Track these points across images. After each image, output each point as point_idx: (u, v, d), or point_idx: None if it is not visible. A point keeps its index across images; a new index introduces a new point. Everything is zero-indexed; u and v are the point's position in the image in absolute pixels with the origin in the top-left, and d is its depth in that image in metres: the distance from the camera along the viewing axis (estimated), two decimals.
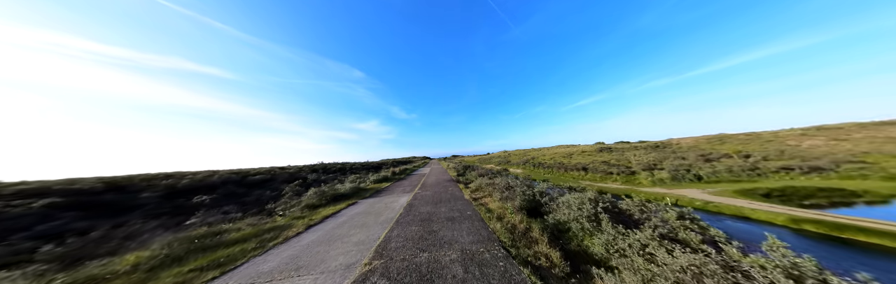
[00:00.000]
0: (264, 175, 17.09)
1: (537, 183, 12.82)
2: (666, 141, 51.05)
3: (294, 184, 15.69)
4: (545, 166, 44.32)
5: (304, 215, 10.45)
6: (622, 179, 26.79)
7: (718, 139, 43.15)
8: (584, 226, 7.05)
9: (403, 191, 14.66)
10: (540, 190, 11.49)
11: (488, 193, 12.50)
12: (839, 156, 24.30)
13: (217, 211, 10.88)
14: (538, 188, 12.07)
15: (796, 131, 41.23)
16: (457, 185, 15.98)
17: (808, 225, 11.56)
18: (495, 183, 13.30)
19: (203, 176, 13.92)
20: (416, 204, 10.88)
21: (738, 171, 23.23)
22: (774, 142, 35.72)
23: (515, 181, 13.84)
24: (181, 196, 11.76)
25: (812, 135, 36.43)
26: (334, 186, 15.72)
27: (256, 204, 11.91)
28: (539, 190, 11.46)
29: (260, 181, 15.91)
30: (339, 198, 13.31)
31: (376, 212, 9.95)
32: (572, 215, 7.66)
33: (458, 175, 22.85)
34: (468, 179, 18.76)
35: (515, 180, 14.50)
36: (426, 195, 12.87)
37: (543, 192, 11.18)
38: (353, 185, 15.92)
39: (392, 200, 12.16)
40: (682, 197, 18.49)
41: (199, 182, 13.12)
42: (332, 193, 13.63)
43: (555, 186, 12.17)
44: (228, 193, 12.85)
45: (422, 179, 21.81)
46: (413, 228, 7.41)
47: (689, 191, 20.10)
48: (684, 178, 23.43)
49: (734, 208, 14.92)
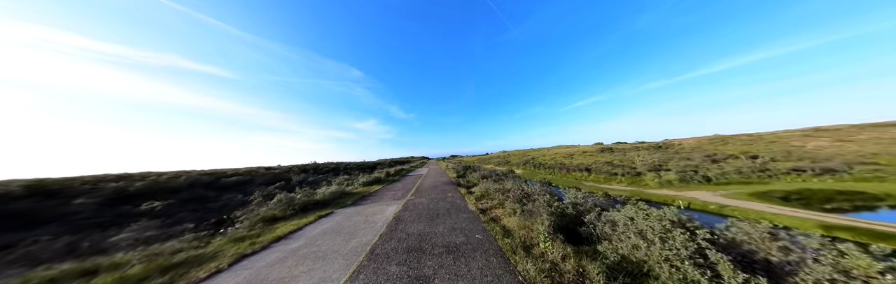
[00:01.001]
0: (242, 176, 15.71)
1: (560, 189, 10.34)
2: (667, 141, 50.44)
3: (273, 187, 14.38)
4: (546, 166, 43.41)
5: (253, 233, 8.07)
6: (627, 180, 25.89)
7: (720, 140, 42.55)
8: (688, 277, 4.18)
9: (394, 197, 12.65)
10: (573, 200, 8.70)
11: (499, 202, 10.28)
12: (849, 158, 23.63)
13: (164, 221, 9.38)
14: (570, 198, 9.15)
15: (795, 132, 40.79)
16: (457, 190, 13.99)
17: (842, 233, 10.64)
18: (507, 190, 11.28)
19: (168, 178, 12.55)
20: (407, 217, 8.69)
21: (747, 173, 22.42)
22: (778, 142, 35.13)
23: (532, 186, 11.66)
24: (130, 201, 10.29)
25: (815, 136, 35.91)
26: (314, 190, 14.15)
27: (221, 210, 10.48)
28: (573, 200, 8.69)
29: (235, 183, 14.58)
30: (311, 207, 11.30)
31: (349, 232, 7.58)
32: (656, 253, 4.79)
33: (458, 176, 21.42)
34: (470, 182, 17.22)
35: (531, 185, 12.32)
36: (420, 203, 10.79)
37: (578, 203, 8.43)
38: (337, 189, 14.20)
39: (376, 211, 10.06)
40: (693, 200, 17.57)
41: (161, 184, 11.73)
42: (304, 201, 11.59)
43: (589, 194, 9.47)
44: (193, 197, 11.50)
45: (417, 181, 19.96)
46: (392, 269, 4.75)
47: (699, 194, 19.21)
48: (692, 180, 22.57)
49: (754, 212, 13.99)
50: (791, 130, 42.29)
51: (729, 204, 15.60)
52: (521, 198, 9.74)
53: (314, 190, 13.50)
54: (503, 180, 14.75)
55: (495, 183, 13.47)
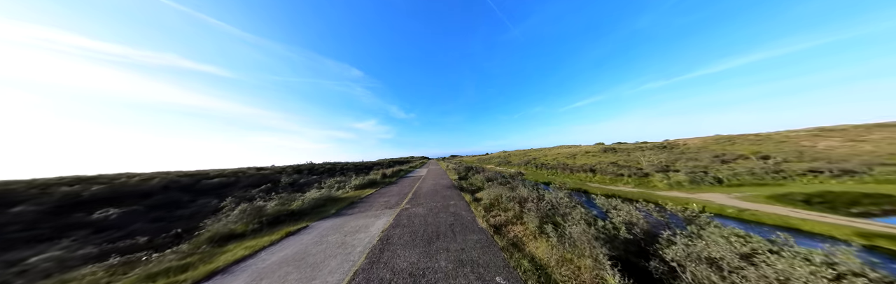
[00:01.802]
0: (226, 177, 14.55)
1: (594, 196, 8.17)
2: (672, 141, 49.49)
3: (257, 190, 13.24)
4: (548, 167, 42.46)
5: (184, 263, 6.08)
6: (634, 182, 24.92)
7: (727, 139, 41.60)
8: None
9: (386, 205, 10.81)
10: (629, 218, 6.11)
11: (515, 215, 8.10)
12: (866, 158, 22.69)
13: (112, 233, 8.11)
14: (607, 209, 6.85)
15: (801, 132, 39.86)
16: (460, 196, 12.28)
17: (884, 242, 9.67)
18: (524, 198, 8.85)
19: (140, 180, 11.43)
20: (396, 238, 6.70)
21: (761, 174, 21.45)
22: (788, 142, 34.18)
23: (555, 193, 9.13)
24: (83, 208, 9.04)
25: (825, 136, 34.98)
26: (302, 194, 12.61)
27: (191, 218, 9.28)
28: (627, 218, 6.12)
29: (217, 185, 13.47)
30: (285, 219, 9.32)
31: (313, 263, 5.53)
32: None
33: (460, 178, 20.02)
34: (473, 185, 15.59)
35: (547, 191, 10.02)
36: (416, 215, 8.87)
37: (632, 223, 5.96)
38: (324, 193, 12.44)
39: (360, 226, 8.12)
40: (707, 203, 16.60)
41: (130, 187, 10.61)
42: (276, 211, 9.57)
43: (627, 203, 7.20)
44: (164, 202, 10.41)
45: (415, 184, 18.10)
46: None
47: (713, 196, 18.25)
48: (703, 181, 21.60)
49: (776, 217, 13.03)
50: (796, 130, 41.39)
51: (748, 208, 14.64)
52: (546, 212, 7.45)
53: (303, 193, 12.27)
54: (510, 183, 13.11)
55: (503, 186, 11.77)
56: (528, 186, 11.58)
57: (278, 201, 10.67)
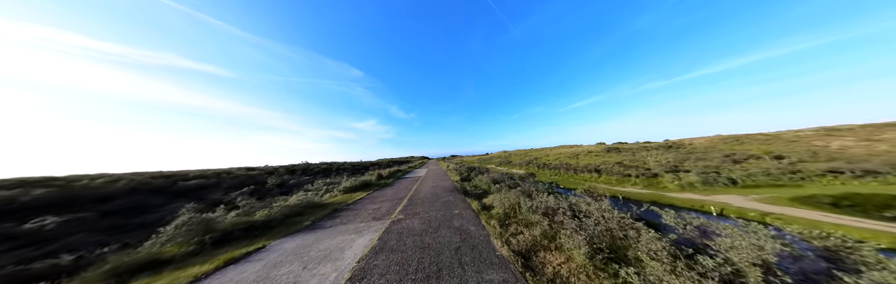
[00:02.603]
0: (207, 178, 13.38)
1: (645, 206, 6.54)
2: (677, 141, 48.42)
3: (238, 192, 12.03)
4: (550, 167, 41.42)
5: None
6: (643, 182, 23.86)
7: (734, 139, 40.55)
8: None
9: (374, 216, 8.86)
10: (749, 249, 3.79)
11: (545, 233, 5.96)
12: (886, 158, 21.64)
13: (43, 246, 6.74)
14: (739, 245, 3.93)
15: (807, 132, 38.83)
16: (465, 202, 10.28)
17: None
18: (552, 208, 6.74)
19: (104, 182, 10.30)
20: (379, 270, 4.83)
21: (777, 174, 20.39)
22: (799, 142, 33.12)
23: (590, 200, 6.97)
24: (17, 216, 7.66)
25: (837, 135, 33.92)
26: (272, 200, 10.94)
27: (154, 226, 7.75)
28: (748, 252, 3.75)
29: (194, 187, 12.33)
30: (236, 236, 7.31)
31: None
32: None
33: (462, 180, 18.43)
34: (478, 187, 14.15)
35: (582, 197, 7.95)
36: (410, 231, 6.89)
37: (764, 263, 3.64)
38: (304, 198, 10.53)
39: (332, 248, 6.12)
40: (725, 206, 15.56)
41: (91, 190, 9.45)
42: (231, 224, 7.64)
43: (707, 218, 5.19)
44: (126, 207, 9.29)
45: (413, 187, 16.25)
46: None
47: (729, 198, 17.19)
48: (716, 182, 20.53)
49: (806, 222, 11.98)
50: (802, 130, 40.36)
51: (771, 212, 13.59)
52: (595, 232, 5.17)
53: (289, 195, 11.03)
54: (520, 185, 11.16)
55: (513, 190, 9.89)
56: (541, 189, 10.02)
57: (245, 209, 8.97)
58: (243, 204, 9.17)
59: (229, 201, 9.98)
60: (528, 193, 9.09)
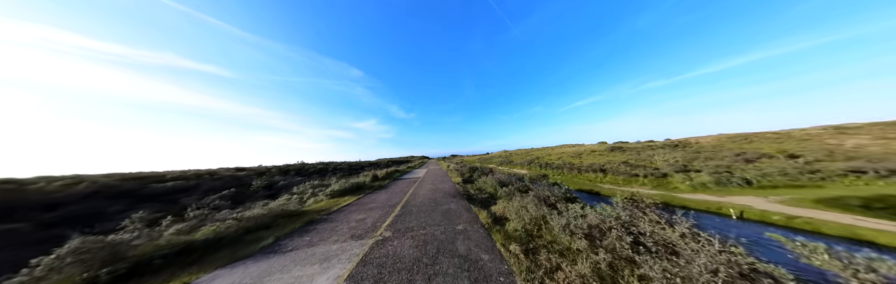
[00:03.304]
0: (186, 180, 12.20)
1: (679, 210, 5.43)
2: (683, 140, 47.35)
3: (216, 196, 10.88)
4: (553, 167, 40.41)
5: None
6: (651, 183, 22.84)
7: (742, 138, 39.48)
8: None
9: (353, 232, 7.13)
10: None
11: (595, 270, 4.15)
12: None
13: None
14: None
15: (813, 130, 37.79)
16: (470, 211, 8.50)
17: None
18: (599, 228, 5.25)
19: (60, 186, 9.09)
20: None
21: (794, 174, 19.36)
22: (811, 141, 32.06)
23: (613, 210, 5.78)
24: None
25: (850, 133, 32.86)
26: (251, 205, 9.54)
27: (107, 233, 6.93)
28: None
29: (168, 191, 11.13)
30: (158, 265, 5.43)
31: None
32: None
33: (465, 181, 16.86)
34: (483, 190, 12.74)
35: (621, 207, 6.30)
36: (397, 259, 5.26)
37: None
38: (283, 204, 9.10)
39: None
40: (745, 208, 14.55)
41: (41, 195, 8.21)
42: (155, 248, 6.05)
43: None
44: (76, 215, 8.25)
45: (409, 190, 14.72)
46: None
47: (747, 199, 16.17)
48: (730, 182, 19.51)
49: (838, 226, 10.97)
50: (807, 128, 39.30)
51: (798, 215, 12.57)
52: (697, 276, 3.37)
53: (274, 198, 9.97)
54: (532, 190, 9.37)
55: (524, 195, 8.45)
56: (559, 195, 8.00)
57: (192, 222, 7.04)
58: (194, 216, 7.58)
59: (200, 206, 8.98)
60: (545, 199, 7.64)
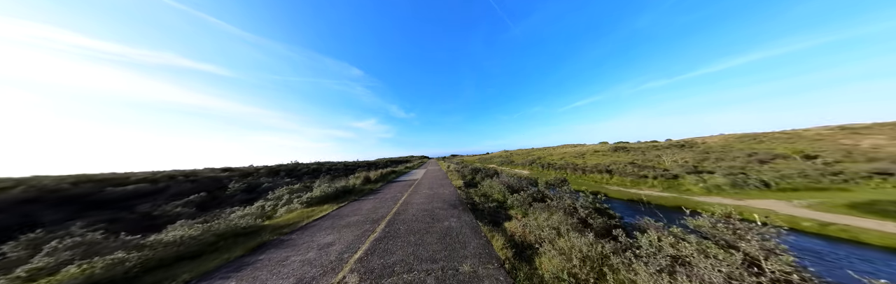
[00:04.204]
0: (155, 182, 10.91)
1: None
2: (688, 140, 46.20)
3: (182, 202, 9.56)
4: (555, 167, 39.27)
5: None
6: (662, 184, 21.69)
7: (751, 138, 38.34)
8: None
9: (305, 271, 4.99)
10: None
11: None
12: None
13: None
14: None
15: (823, 130, 36.67)
16: (479, 233, 6.34)
17: None
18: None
19: None
20: None
21: (815, 176, 18.21)
22: (824, 141, 30.92)
23: None
24: None
25: (865, 133, 31.73)
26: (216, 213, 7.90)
27: (13, 257, 5.54)
28: None
29: (128, 195, 9.73)
30: None
31: None
32: None
33: (467, 185, 14.88)
34: (489, 197, 10.65)
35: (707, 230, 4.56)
36: None
37: None
38: (245, 215, 7.40)
39: None
40: (769, 213, 13.41)
41: None
42: None
43: None
44: (4, 226, 7.15)
45: (403, 196, 12.59)
46: None
47: (769, 204, 15.04)
48: (747, 184, 18.36)
49: (881, 235, 9.84)
50: (810, 128, 38.19)
51: (831, 221, 11.43)
52: None
53: (250, 204, 8.70)
54: (548, 198, 7.49)
55: (544, 205, 6.37)
56: (587, 205, 6.23)
57: (77, 250, 4.95)
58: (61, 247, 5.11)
59: (160, 214, 7.79)
60: (573, 213, 5.53)
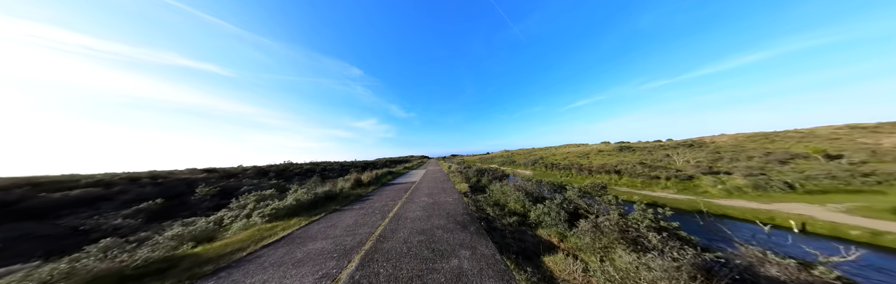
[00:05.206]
0: (109, 186, 9.48)
1: None
2: (697, 139, 44.85)
3: (130, 210, 8.10)
4: (559, 167, 37.93)
5: None
6: (676, 186, 20.37)
7: (763, 137, 37.01)
8: None
9: None
10: None
11: None
12: None
13: None
14: None
15: (830, 129, 35.36)
16: (502, 269, 4.24)
17: None
18: None
19: None
20: None
21: (844, 177, 16.87)
22: (842, 140, 29.57)
23: None
24: None
25: (885, 132, 30.40)
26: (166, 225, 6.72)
27: None
28: None
29: (66, 202, 8.30)
30: None
31: None
32: None
33: (473, 189, 12.81)
34: (501, 205, 8.65)
35: None
36: None
37: None
38: (175, 237, 6.05)
39: None
40: (805, 219, 12.10)
41: None
42: None
43: None
44: None
45: (396, 206, 9.65)
46: None
47: (799, 207, 13.70)
48: (770, 186, 17.02)
49: None
50: (821, 127, 36.86)
51: (884, 229, 10.10)
52: None
53: (222, 209, 7.14)
54: (590, 211, 6.13)
55: (592, 227, 5.13)
56: (650, 227, 4.79)
57: None
58: None
59: (91, 228, 6.43)
60: (628, 233, 3.95)
